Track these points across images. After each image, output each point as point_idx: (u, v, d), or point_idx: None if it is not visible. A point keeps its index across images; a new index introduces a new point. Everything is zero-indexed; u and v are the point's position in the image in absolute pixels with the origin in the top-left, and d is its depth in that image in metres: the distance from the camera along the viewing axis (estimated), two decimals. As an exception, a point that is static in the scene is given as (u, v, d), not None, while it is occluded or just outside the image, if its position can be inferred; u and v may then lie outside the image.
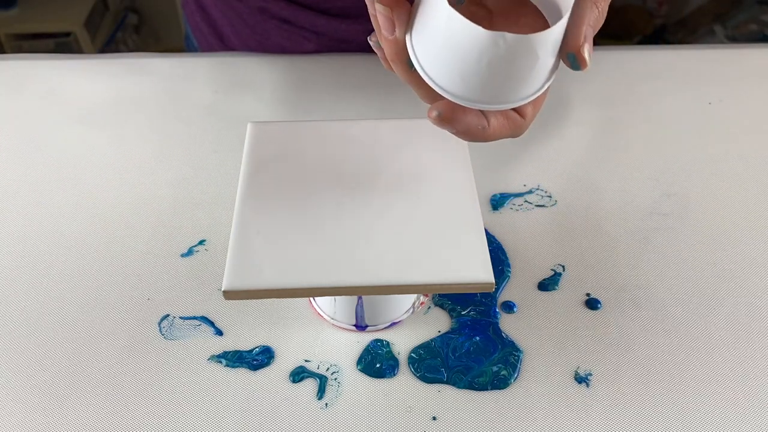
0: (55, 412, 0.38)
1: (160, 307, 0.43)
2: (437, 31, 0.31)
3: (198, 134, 0.55)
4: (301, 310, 0.43)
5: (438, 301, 0.43)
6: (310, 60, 0.61)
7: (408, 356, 0.40)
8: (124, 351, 0.41)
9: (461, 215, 0.36)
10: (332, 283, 0.33)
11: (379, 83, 0.59)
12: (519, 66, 0.31)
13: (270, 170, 0.39)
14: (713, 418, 0.38)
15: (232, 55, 0.63)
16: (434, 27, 0.31)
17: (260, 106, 0.57)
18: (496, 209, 0.49)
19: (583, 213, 0.48)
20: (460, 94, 0.32)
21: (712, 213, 0.48)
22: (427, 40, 0.31)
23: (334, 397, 0.39)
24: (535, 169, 0.52)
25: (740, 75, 0.60)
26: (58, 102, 0.58)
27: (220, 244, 0.46)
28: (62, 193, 0.50)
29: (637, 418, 0.37)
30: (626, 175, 0.51)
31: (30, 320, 0.42)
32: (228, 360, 0.40)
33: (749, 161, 0.52)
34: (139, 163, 0.52)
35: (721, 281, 0.44)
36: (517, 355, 0.40)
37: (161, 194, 0.50)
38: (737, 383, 0.39)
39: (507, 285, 0.44)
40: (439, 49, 0.31)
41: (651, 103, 0.57)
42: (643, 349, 0.41)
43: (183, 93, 0.59)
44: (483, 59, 0.30)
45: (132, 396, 0.39)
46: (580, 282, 0.44)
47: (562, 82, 0.59)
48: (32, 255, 0.46)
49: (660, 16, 1.63)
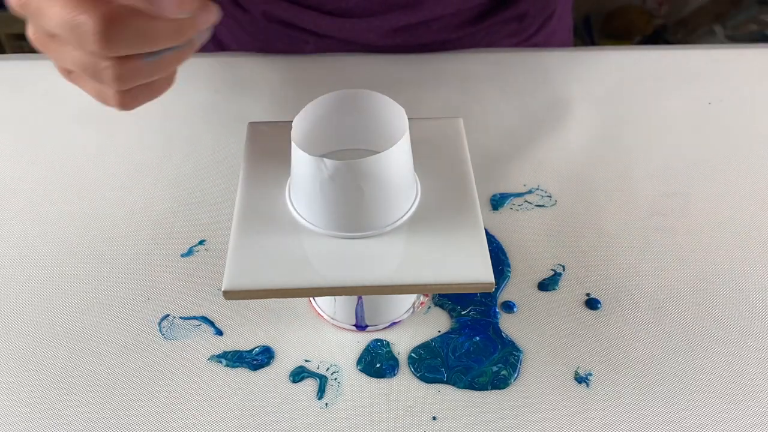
0: (55, 411, 0.38)
1: (160, 307, 0.43)
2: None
3: (198, 134, 0.55)
4: (301, 310, 0.43)
5: (438, 301, 0.43)
6: (310, 60, 0.61)
7: (408, 356, 0.40)
8: (124, 351, 0.41)
9: (461, 215, 0.36)
10: (332, 283, 0.33)
11: (380, 83, 0.59)
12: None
13: (270, 170, 0.39)
14: (713, 418, 0.37)
15: (232, 55, 0.63)
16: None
17: (260, 106, 0.57)
18: (496, 209, 0.49)
19: (583, 213, 0.48)
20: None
21: (712, 213, 0.48)
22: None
23: (334, 397, 0.39)
24: (535, 169, 0.52)
25: (740, 75, 0.60)
26: (58, 102, 0.58)
27: (220, 244, 0.46)
28: (62, 192, 0.50)
29: (637, 418, 0.37)
30: (626, 175, 0.51)
31: (29, 320, 0.42)
32: (228, 360, 0.40)
33: (749, 161, 0.52)
34: (139, 163, 0.52)
35: (721, 281, 0.44)
36: (517, 355, 0.40)
37: (161, 194, 0.50)
38: (737, 383, 0.39)
39: (507, 285, 0.44)
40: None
41: (651, 103, 0.57)
42: (643, 349, 0.41)
43: (183, 93, 0.58)
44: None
45: (132, 396, 0.39)
46: (580, 282, 0.44)
47: (562, 82, 0.59)
48: (32, 255, 0.46)
49: (660, 16, 1.63)
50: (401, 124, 0.35)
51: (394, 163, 0.33)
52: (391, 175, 0.33)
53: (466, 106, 0.57)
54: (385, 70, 0.60)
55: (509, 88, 0.59)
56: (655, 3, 1.62)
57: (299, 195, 0.35)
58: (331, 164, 0.32)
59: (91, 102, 0.60)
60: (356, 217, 0.34)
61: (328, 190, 0.33)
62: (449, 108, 0.57)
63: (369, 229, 0.35)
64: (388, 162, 0.33)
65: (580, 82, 0.59)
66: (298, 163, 0.34)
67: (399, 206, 0.35)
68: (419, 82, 0.59)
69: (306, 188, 0.34)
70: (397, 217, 0.35)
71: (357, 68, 0.61)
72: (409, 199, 0.36)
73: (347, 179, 0.32)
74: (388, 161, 0.33)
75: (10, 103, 0.58)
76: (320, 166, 0.32)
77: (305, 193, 0.34)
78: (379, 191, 0.33)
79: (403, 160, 0.34)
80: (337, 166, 0.32)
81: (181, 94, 0.58)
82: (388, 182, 0.33)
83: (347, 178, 0.32)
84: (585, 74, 0.60)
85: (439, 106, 0.57)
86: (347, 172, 0.32)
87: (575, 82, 0.59)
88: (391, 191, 0.34)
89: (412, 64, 0.61)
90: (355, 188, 0.33)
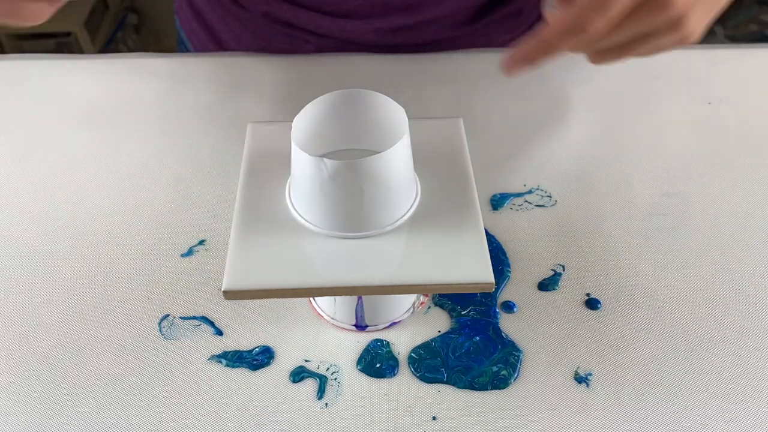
0: (54, 411, 0.38)
1: (160, 307, 0.43)
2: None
3: (198, 134, 0.55)
4: (301, 310, 0.43)
5: (438, 301, 0.43)
6: (310, 60, 0.61)
7: (408, 356, 0.40)
8: (124, 351, 0.41)
9: (461, 215, 0.36)
10: (332, 283, 0.33)
11: (380, 83, 0.59)
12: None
13: (270, 170, 0.39)
14: (713, 418, 0.37)
15: (232, 55, 0.63)
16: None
17: (260, 106, 0.57)
18: (496, 209, 0.49)
19: (583, 213, 0.48)
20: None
21: (712, 213, 0.48)
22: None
23: (334, 397, 0.39)
24: (535, 169, 0.52)
25: (740, 75, 0.60)
26: (58, 102, 0.58)
27: (220, 244, 0.46)
28: (62, 192, 0.50)
29: (637, 418, 0.37)
30: (626, 175, 0.51)
31: (30, 320, 0.42)
32: (228, 360, 0.40)
33: (749, 161, 0.52)
34: (139, 162, 0.52)
35: (721, 281, 0.44)
36: (517, 355, 0.40)
37: (161, 194, 0.50)
38: (737, 383, 0.39)
39: (507, 285, 0.44)
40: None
41: (651, 103, 0.57)
42: (643, 349, 0.41)
43: (183, 93, 0.58)
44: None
45: (132, 396, 0.39)
46: (580, 282, 0.44)
47: (562, 82, 0.59)
48: (32, 255, 0.46)
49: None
50: (401, 124, 0.35)
51: (394, 163, 0.33)
52: (391, 175, 0.33)
53: (466, 106, 0.57)
54: (385, 70, 0.60)
55: (509, 88, 0.59)
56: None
57: (299, 195, 0.35)
58: (331, 164, 0.32)
59: (91, 102, 0.60)
60: (356, 217, 0.34)
61: (328, 190, 0.33)
62: (449, 108, 0.57)
63: (369, 229, 0.35)
64: (388, 162, 0.33)
65: (580, 82, 0.59)
66: (298, 163, 0.34)
67: (399, 206, 0.35)
68: (419, 82, 0.59)
69: (306, 188, 0.34)
70: (397, 217, 0.35)
71: (357, 68, 0.61)
72: (409, 199, 0.36)
73: (347, 179, 0.32)
74: (388, 161, 0.33)
75: (10, 103, 0.58)
76: (320, 166, 0.32)
77: (305, 193, 0.34)
78: (379, 191, 0.33)
79: (403, 160, 0.34)
80: (337, 166, 0.32)
81: (181, 94, 0.59)
82: (388, 182, 0.33)
83: (347, 178, 0.32)
84: (585, 74, 0.60)
85: (439, 106, 0.57)
86: (347, 172, 0.32)
87: (575, 82, 0.59)
88: (391, 191, 0.34)
89: (412, 64, 0.61)
90: (356, 188, 0.33)
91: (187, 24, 0.68)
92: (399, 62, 0.61)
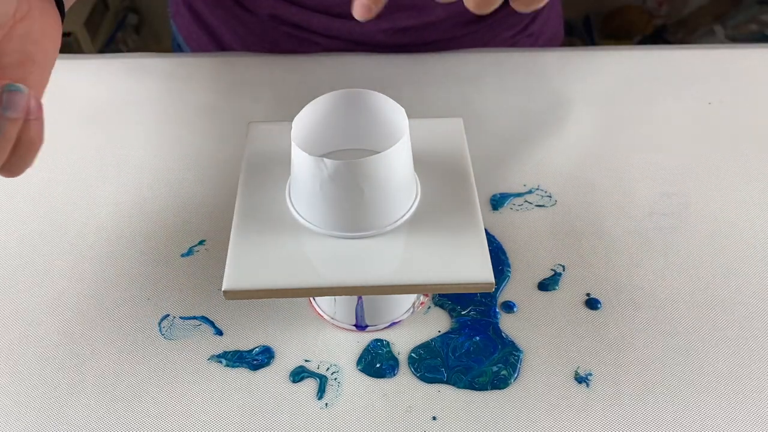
0: (54, 411, 0.38)
1: (160, 307, 0.43)
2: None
3: (198, 134, 0.55)
4: (301, 310, 0.43)
5: (438, 301, 0.43)
6: (310, 60, 0.61)
7: (408, 356, 0.40)
8: (124, 351, 0.41)
9: (461, 215, 0.36)
10: (332, 283, 0.33)
11: (380, 83, 0.59)
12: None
13: (270, 170, 0.39)
14: (713, 418, 0.37)
15: (232, 55, 0.63)
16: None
17: (260, 106, 0.57)
18: (496, 209, 0.49)
19: (583, 213, 0.48)
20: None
21: (712, 213, 0.48)
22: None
23: (334, 397, 0.39)
24: (535, 169, 0.52)
25: (740, 75, 0.60)
26: (58, 102, 0.57)
27: (220, 244, 0.46)
28: (62, 192, 0.50)
29: (637, 418, 0.37)
30: (626, 175, 0.51)
31: (30, 320, 0.42)
32: (228, 360, 0.40)
33: (749, 161, 0.52)
34: (139, 162, 0.52)
35: (721, 281, 0.44)
36: (517, 355, 0.40)
37: (161, 194, 0.50)
38: (737, 383, 0.39)
39: (507, 285, 0.44)
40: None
41: (651, 103, 0.57)
42: (643, 349, 0.41)
43: (183, 93, 0.58)
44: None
45: (132, 396, 0.39)
46: (580, 282, 0.44)
47: (562, 82, 0.59)
48: (32, 255, 0.46)
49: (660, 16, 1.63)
50: (401, 124, 0.35)
51: (394, 163, 0.33)
52: (391, 175, 0.33)
53: (466, 106, 0.57)
54: (386, 70, 0.60)
55: (509, 88, 0.59)
56: (655, 3, 1.62)
57: (299, 195, 0.35)
58: (331, 164, 0.32)
59: (91, 102, 0.60)
60: (356, 217, 0.34)
61: (328, 190, 0.33)
62: (449, 108, 0.57)
63: (369, 229, 0.35)
64: (388, 162, 0.33)
65: (580, 82, 0.59)
66: (298, 163, 0.34)
67: (399, 206, 0.35)
68: (419, 82, 0.59)
69: (306, 188, 0.34)
70: (397, 217, 0.35)
71: (357, 68, 0.61)
72: (409, 199, 0.36)
73: (347, 179, 0.32)
74: (388, 161, 0.33)
75: (10, 103, 0.58)
76: (320, 166, 0.32)
77: (305, 193, 0.34)
78: (379, 191, 0.33)
79: (403, 160, 0.34)
80: (337, 166, 0.32)
81: (181, 94, 0.58)
82: (388, 182, 0.33)
83: (347, 178, 0.32)
84: (585, 74, 0.60)
85: (439, 106, 0.57)
86: (347, 172, 0.32)
87: (575, 82, 0.59)
88: (391, 191, 0.34)
89: (412, 64, 0.61)
90: (356, 188, 0.33)
91: (186, 28, 0.68)
92: (399, 62, 0.61)
